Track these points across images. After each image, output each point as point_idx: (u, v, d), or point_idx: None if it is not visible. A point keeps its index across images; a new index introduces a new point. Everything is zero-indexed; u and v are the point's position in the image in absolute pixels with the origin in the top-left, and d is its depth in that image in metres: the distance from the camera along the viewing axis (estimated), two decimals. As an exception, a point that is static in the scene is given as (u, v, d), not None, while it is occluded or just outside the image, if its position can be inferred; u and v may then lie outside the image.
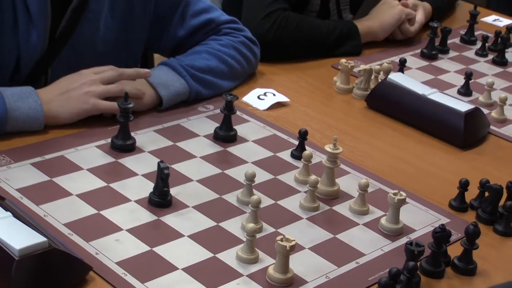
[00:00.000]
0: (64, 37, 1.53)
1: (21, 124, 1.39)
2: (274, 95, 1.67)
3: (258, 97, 1.65)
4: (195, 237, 1.19)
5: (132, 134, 1.43)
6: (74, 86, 1.45)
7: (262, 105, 1.63)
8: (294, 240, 1.10)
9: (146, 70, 1.52)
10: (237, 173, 1.37)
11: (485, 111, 1.67)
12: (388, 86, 1.66)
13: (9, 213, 1.08)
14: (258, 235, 1.17)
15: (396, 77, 1.68)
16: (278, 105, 1.65)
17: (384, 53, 1.96)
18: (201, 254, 1.15)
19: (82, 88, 1.45)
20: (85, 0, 1.52)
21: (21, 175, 1.29)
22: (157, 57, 1.97)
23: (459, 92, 1.78)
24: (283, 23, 1.83)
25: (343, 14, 2.13)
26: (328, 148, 1.33)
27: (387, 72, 1.74)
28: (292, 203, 1.30)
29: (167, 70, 1.57)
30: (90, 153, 1.38)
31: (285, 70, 1.82)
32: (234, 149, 1.45)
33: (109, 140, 1.42)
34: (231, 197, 1.30)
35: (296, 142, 1.46)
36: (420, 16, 2.05)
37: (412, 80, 1.68)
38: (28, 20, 1.46)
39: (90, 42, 1.56)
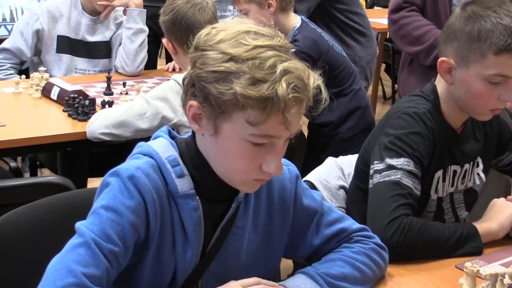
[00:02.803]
0: (213, 251, 1.56)
1: None
2: (405, 300, 1.63)
3: (391, 303, 1.62)
4: None
5: None
6: (225, 297, 1.47)
7: (395, 311, 1.59)
8: None
9: None
10: None
11: None
12: (515, 292, 1.60)
13: None
14: None
15: (522, 282, 1.62)
16: (410, 310, 1.61)
17: (504, 251, 1.91)
18: None
19: (232, 299, 1.46)
20: (232, 218, 1.56)
21: None
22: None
23: None
24: (406, 228, 1.82)
25: (458, 211, 2.11)
26: None
27: (512, 276, 1.68)
28: None
29: (305, 278, 1.58)
30: None
31: (411, 271, 1.79)
32: None
33: None
34: None
35: None
36: None
37: (538, 285, 1.62)
38: (185, 241, 1.51)
39: (236, 255, 1.59)
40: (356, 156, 2.19)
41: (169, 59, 4.33)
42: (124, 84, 3.31)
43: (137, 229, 1.44)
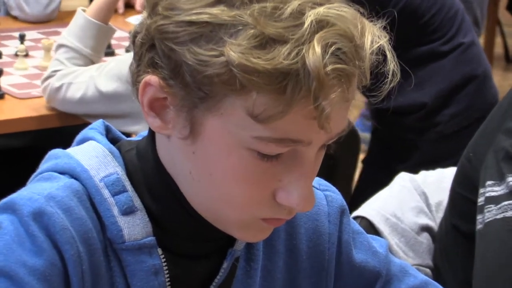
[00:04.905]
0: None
1: None
2: None
3: None
4: None
5: None
6: None
7: None
8: None
9: None
10: None
11: None
12: None
13: None
14: None
15: None
16: None
17: None
18: None
19: None
20: (229, 280, 1.57)
21: None
22: None
23: None
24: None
25: None
26: None
27: None
28: None
29: None
30: None
31: None
32: None
33: None
34: None
35: None
36: None
37: None
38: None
39: None
40: (452, 170, 2.18)
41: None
42: (21, 38, 3.38)
43: (48, 308, 1.44)
